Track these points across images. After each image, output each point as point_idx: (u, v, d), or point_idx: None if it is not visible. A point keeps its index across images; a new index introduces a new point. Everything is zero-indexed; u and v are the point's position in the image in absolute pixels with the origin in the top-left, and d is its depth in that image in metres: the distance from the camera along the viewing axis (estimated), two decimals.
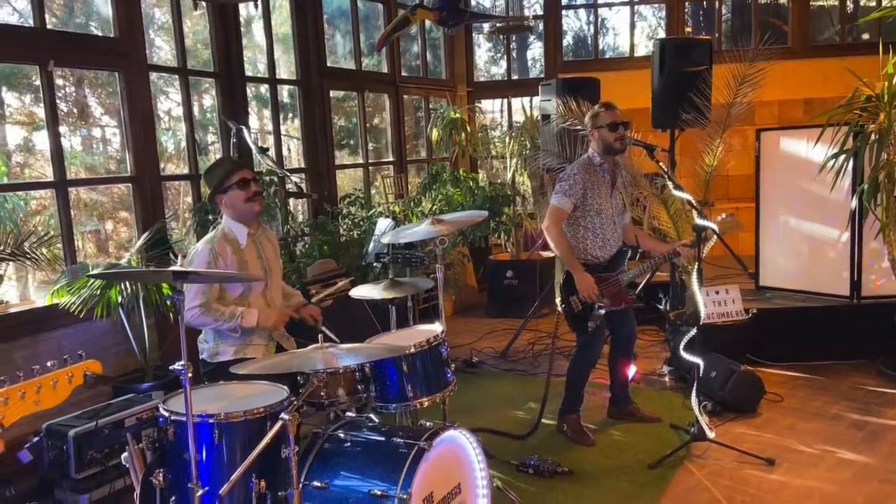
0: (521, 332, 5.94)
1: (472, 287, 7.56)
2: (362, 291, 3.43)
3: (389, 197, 6.78)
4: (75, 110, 6.61)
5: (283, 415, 2.35)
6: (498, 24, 6.94)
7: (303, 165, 6.38)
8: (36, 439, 3.70)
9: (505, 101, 8.89)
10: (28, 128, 8.69)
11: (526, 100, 8.14)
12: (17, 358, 4.21)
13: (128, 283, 4.15)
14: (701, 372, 3.92)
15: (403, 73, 7.63)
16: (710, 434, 3.84)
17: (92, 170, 5.92)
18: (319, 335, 2.51)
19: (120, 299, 4.17)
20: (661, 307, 5.68)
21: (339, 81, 6.78)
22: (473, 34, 8.78)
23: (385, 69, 7.35)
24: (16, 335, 4.19)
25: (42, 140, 8.45)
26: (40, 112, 8.14)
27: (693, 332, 3.92)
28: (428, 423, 2.91)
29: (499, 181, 7.29)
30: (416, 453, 2.51)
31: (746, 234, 5.75)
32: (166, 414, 2.51)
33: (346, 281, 3.43)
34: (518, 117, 8.33)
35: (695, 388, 3.87)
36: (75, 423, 3.63)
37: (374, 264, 3.71)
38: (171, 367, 2.39)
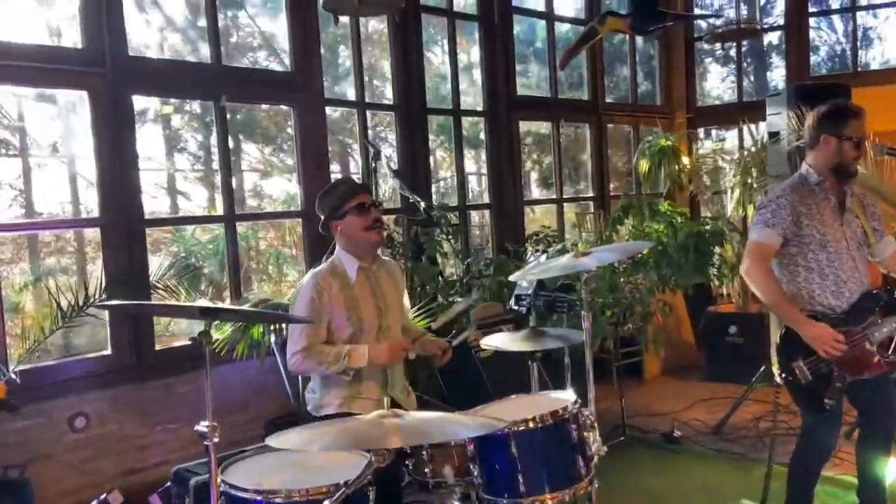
0: (743, 401, 4.76)
1: (688, 344, 6.42)
2: (492, 340, 2.75)
3: (589, 236, 6.02)
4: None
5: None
6: (715, 30, 5.88)
7: (488, 201, 5.89)
8: (168, 485, 3.54)
9: (733, 128, 7.66)
10: (260, 174, 9.35)
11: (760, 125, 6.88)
12: (180, 393, 4.17)
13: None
14: None
15: (608, 100, 6.86)
16: None
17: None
18: (385, 399, 1.89)
19: (273, 338, 3.97)
20: None
21: (530, 111, 6.23)
22: (697, 54, 7.75)
23: (585, 96, 6.66)
24: (179, 370, 4.15)
25: (273, 186, 9.00)
26: (276, 160, 8.72)
27: None
28: None
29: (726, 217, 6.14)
30: None
31: None
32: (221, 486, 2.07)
33: (472, 328, 2.79)
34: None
35: None
36: (201, 471, 3.39)
37: (515, 307, 3.05)
38: (195, 429, 1.94)
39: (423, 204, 3.18)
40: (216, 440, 1.92)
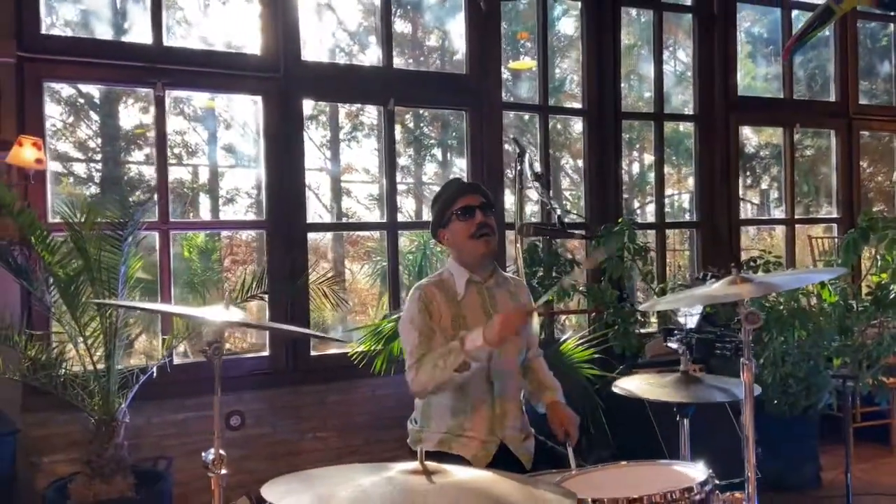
0: None
1: None
2: (628, 384, 2.16)
3: (820, 265, 4.93)
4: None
5: None
6: None
7: (694, 219, 5.09)
8: None
9: None
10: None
11: None
12: (331, 402, 4.07)
13: None
14: None
15: (862, 102, 5.62)
16: None
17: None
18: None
19: None
20: None
21: (753, 114, 5.29)
22: None
23: (831, 96, 5.51)
24: (332, 378, 4.06)
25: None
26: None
27: None
28: None
29: None
30: None
31: None
32: None
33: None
34: None
35: None
36: None
37: (669, 345, 2.38)
38: (202, 455, 1.68)
39: (558, 211, 2.68)
40: (223, 472, 1.64)
